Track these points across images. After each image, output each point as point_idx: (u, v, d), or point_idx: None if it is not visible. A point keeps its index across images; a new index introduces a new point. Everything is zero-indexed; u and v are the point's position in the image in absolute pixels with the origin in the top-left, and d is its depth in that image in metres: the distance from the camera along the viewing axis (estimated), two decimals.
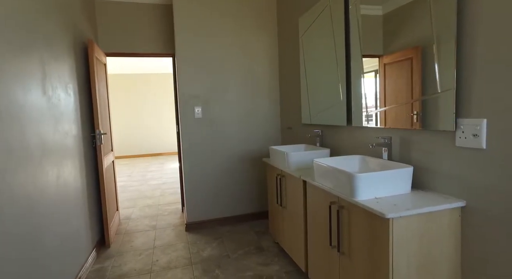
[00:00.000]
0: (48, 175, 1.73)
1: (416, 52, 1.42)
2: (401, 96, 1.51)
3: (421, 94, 1.39)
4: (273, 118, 3.26)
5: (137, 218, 3.48)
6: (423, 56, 1.36)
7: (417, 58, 1.41)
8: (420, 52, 1.38)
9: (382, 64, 1.66)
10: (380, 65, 1.67)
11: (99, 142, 2.62)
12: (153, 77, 8.68)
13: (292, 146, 2.53)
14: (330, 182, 1.55)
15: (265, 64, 3.19)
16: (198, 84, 2.99)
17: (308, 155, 2.09)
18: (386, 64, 1.67)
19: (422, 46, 1.37)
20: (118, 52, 3.29)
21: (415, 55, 1.42)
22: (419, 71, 1.39)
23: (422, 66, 1.37)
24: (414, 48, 1.42)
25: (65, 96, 2.11)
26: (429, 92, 1.35)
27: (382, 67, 1.66)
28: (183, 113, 2.96)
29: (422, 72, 1.38)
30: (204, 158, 3.05)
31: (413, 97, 1.43)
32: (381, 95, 1.68)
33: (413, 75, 1.43)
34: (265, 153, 3.25)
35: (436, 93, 1.31)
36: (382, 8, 1.61)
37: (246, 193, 3.22)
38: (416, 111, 1.43)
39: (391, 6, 1.54)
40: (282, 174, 2.25)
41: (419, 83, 1.40)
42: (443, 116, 1.28)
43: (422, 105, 1.38)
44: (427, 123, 1.37)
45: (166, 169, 6.61)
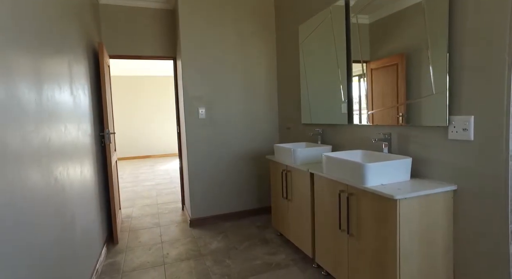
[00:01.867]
0: (75, 169, 1.83)
1: (401, 59, 1.66)
2: (392, 98, 1.75)
3: (416, 96, 1.62)
4: (271, 119, 3.46)
5: (139, 217, 3.56)
6: (412, 62, 1.61)
7: (402, 64, 1.66)
8: (404, 59, 1.62)
9: (369, 68, 1.90)
10: (367, 69, 1.91)
11: (108, 141, 2.71)
12: (144, 80, 8.67)
13: (293, 144, 2.73)
14: (339, 173, 1.76)
15: (264, 68, 3.38)
16: (202, 86, 3.13)
17: (313, 151, 2.30)
18: (373, 69, 1.92)
19: (408, 53, 1.61)
20: (120, 54, 3.39)
21: (400, 61, 1.67)
22: (404, 76, 1.63)
23: (411, 71, 1.61)
24: (399, 55, 1.66)
25: (83, 96, 2.20)
26: (423, 94, 1.58)
27: (370, 71, 1.90)
28: (187, 114, 3.10)
29: (408, 77, 1.62)
30: (207, 157, 3.19)
31: (408, 98, 1.67)
32: (375, 97, 1.92)
33: (399, 80, 1.67)
34: (265, 152, 3.43)
35: (431, 94, 1.54)
36: (376, 16, 1.84)
37: (246, 190, 3.38)
38: (401, 113, 1.68)
39: (386, 14, 1.78)
40: (287, 169, 2.44)
41: (413, 86, 1.63)
42: (437, 114, 1.52)
43: (412, 106, 1.62)
44: (422, 120, 1.61)
45: (158, 170, 6.64)
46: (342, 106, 2.29)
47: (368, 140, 2.08)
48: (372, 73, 1.97)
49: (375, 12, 1.89)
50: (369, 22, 1.96)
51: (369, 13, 1.95)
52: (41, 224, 1.27)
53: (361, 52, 2.04)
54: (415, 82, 1.64)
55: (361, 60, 2.05)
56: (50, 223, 1.38)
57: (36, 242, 1.22)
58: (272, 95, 3.45)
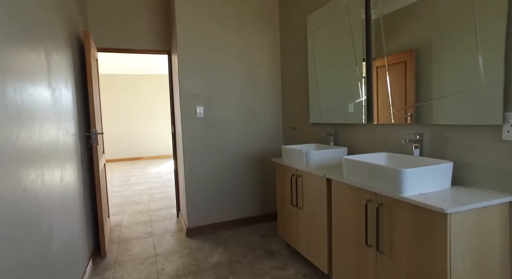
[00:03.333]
0: (54, 174, 1.54)
1: (430, 46, 1.43)
2: (423, 93, 1.51)
3: (454, 90, 1.39)
4: (275, 118, 3.20)
5: (129, 225, 3.25)
6: (448, 49, 1.37)
7: (433, 53, 1.43)
8: (436, 46, 1.39)
9: (392, 60, 1.67)
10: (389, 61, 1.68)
11: (95, 142, 2.41)
12: (137, 79, 8.31)
13: (302, 145, 2.48)
14: (365, 179, 1.51)
15: (267, 63, 3.13)
16: (200, 82, 2.86)
17: (328, 153, 2.05)
18: (397, 61, 1.70)
19: (442, 39, 1.37)
20: (110, 47, 3.08)
21: (428, 50, 1.43)
22: (438, 68, 1.40)
23: (447, 60, 1.38)
24: (426, 42, 1.43)
25: (65, 91, 1.91)
26: (466, 87, 1.35)
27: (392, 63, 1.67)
28: (184, 112, 2.82)
29: (442, 68, 1.38)
30: (205, 159, 2.92)
31: (443, 93, 1.44)
32: (400, 92, 1.68)
33: (431, 73, 1.43)
34: (268, 153, 3.18)
35: (479, 87, 1.31)
36: (403, 1, 1.61)
37: (248, 195, 3.12)
38: (437, 110, 1.45)
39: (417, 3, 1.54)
40: (298, 174, 2.19)
41: (449, 78, 1.40)
42: (487, 110, 1.29)
43: (449, 102, 1.39)
44: (465, 118, 1.37)
45: (149, 173, 6.31)
46: (358, 104, 2.05)
47: (392, 141, 1.84)
48: (396, 66, 1.74)
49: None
50: (394, 8, 1.72)
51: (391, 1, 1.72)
52: (3, 245, 0.99)
53: (385, 42, 1.80)
54: (451, 73, 1.41)
55: (384, 53, 1.81)
56: (17, 243, 1.09)
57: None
58: (275, 92, 3.20)
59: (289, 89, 3.06)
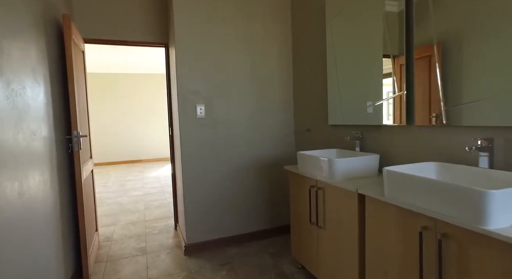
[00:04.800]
0: (6, 191, 1.16)
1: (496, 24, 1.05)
2: (492, 85, 1.13)
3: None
4: (285, 119, 2.83)
5: (121, 239, 2.87)
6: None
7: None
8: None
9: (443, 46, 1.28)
10: (439, 48, 1.29)
11: (77, 147, 2.04)
12: (131, 78, 7.96)
13: (322, 151, 2.10)
14: (418, 199, 1.13)
15: (277, 56, 2.75)
16: (200, 77, 2.49)
17: (357, 162, 1.67)
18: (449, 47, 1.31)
19: None
20: (99, 38, 2.72)
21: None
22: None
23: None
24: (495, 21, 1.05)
25: (32, 84, 1.54)
26: None
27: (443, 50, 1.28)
28: (182, 112, 2.45)
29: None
30: (206, 166, 2.54)
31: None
32: (455, 86, 1.30)
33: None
34: (277, 160, 2.80)
35: None
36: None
37: (255, 207, 2.74)
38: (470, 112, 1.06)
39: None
40: (319, 185, 1.80)
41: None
42: None
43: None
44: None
45: (147, 178, 5.94)
46: (397, 102, 1.67)
47: (442, 147, 1.46)
48: (448, 53, 1.35)
49: None
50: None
51: None
52: None
53: (435, 21, 1.42)
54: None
55: (436, 40, 1.43)
56: None
57: None
58: (286, 90, 2.82)
59: (303, 86, 2.68)
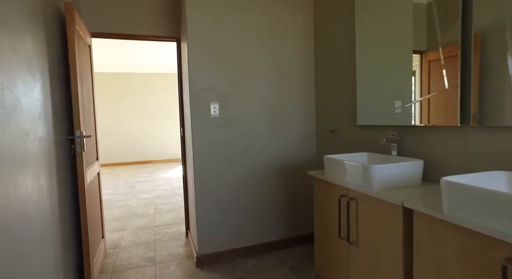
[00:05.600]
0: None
1: None
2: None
3: None
4: (306, 119, 2.59)
5: (129, 247, 2.69)
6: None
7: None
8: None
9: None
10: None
11: (80, 148, 1.86)
12: (144, 77, 7.86)
13: (351, 155, 1.85)
14: (496, 221, 0.88)
15: (296, 50, 2.52)
16: (214, 74, 2.28)
17: (398, 168, 1.42)
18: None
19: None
20: (106, 32, 2.55)
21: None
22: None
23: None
24: None
25: (25, 77, 1.36)
26: None
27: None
28: (194, 111, 2.24)
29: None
30: (220, 169, 2.33)
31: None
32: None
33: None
34: (297, 163, 2.56)
35: None
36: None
37: (273, 215, 2.51)
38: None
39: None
40: (351, 195, 1.56)
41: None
42: None
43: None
44: None
45: (158, 179, 5.79)
46: (442, 98, 1.41)
47: (507, 153, 1.20)
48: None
49: None
50: None
51: None
52: None
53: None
54: None
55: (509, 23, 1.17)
56: None
57: None
58: (307, 87, 2.58)
59: (326, 83, 2.43)
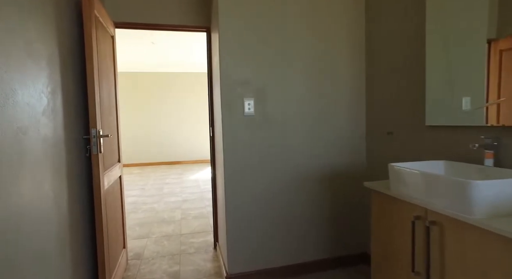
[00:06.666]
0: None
1: None
2: None
3: None
4: (354, 119, 2.20)
5: (152, 258, 2.45)
6: None
7: None
8: None
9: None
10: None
11: (96, 149, 1.62)
12: (173, 77, 7.77)
13: (422, 163, 1.45)
14: None
15: (344, 35, 2.14)
16: (249, 65, 1.97)
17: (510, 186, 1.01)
18: None
19: None
20: (131, 22, 2.33)
21: None
22: None
23: None
24: None
25: (23, 62, 1.11)
26: None
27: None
28: (226, 108, 1.94)
29: None
30: (254, 177, 2.01)
31: None
32: None
33: None
34: (343, 170, 2.18)
35: None
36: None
37: (314, 230, 2.15)
38: None
39: None
40: (430, 218, 1.17)
41: None
42: None
43: None
44: None
45: (186, 181, 5.60)
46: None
47: None
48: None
49: None
50: None
51: None
52: None
53: None
54: None
55: None
56: None
57: None
58: (356, 80, 2.19)
59: (381, 75, 2.04)
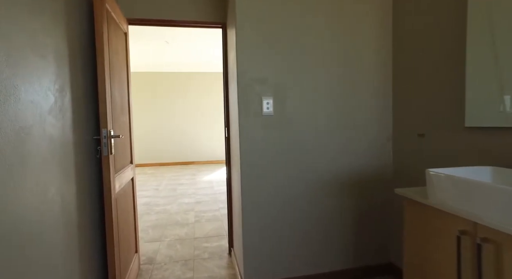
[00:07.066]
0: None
1: None
2: None
3: None
4: (378, 119, 2.04)
5: (165, 263, 2.35)
6: None
7: None
8: None
9: None
10: None
11: (107, 151, 1.53)
12: (187, 77, 7.73)
13: (464, 169, 1.29)
14: None
15: (369, 28, 1.99)
16: (268, 62, 1.84)
17: None
18: None
19: None
20: (144, 18, 2.24)
21: None
22: None
23: None
24: None
25: (26, 55, 1.02)
26: None
27: None
28: (243, 107, 1.82)
29: None
30: (274, 180, 1.88)
31: None
32: None
33: None
34: (367, 174, 2.02)
35: None
36: None
37: (338, 238, 2.00)
38: None
39: None
40: (482, 234, 1.01)
41: None
42: None
43: None
44: None
45: (199, 182, 5.52)
46: None
47: None
48: None
49: None
50: None
51: None
52: None
53: None
54: None
55: None
56: None
57: None
58: (381, 78, 2.03)
59: (409, 72, 1.87)
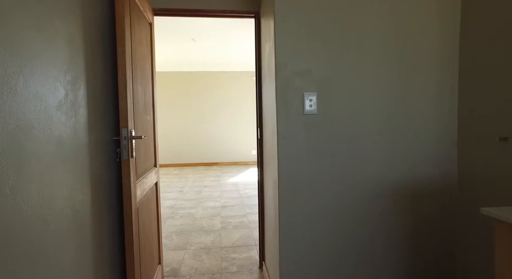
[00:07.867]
0: None
1: None
2: None
3: None
4: (440, 118, 1.71)
5: (190, 276, 2.15)
6: None
7: None
8: None
9: None
10: None
11: (127, 154, 1.33)
12: (214, 76, 7.59)
13: None
14: None
15: (431, 14, 1.67)
16: (311, 52, 1.58)
17: None
18: None
19: None
20: (171, 7, 2.05)
21: None
22: None
23: None
24: None
25: (33, 36, 0.83)
26: None
27: None
28: (282, 104, 1.57)
29: None
30: (317, 188, 1.61)
31: None
32: None
33: None
34: (428, 185, 1.70)
35: None
36: None
37: (392, 258, 1.70)
38: None
39: None
40: None
41: None
42: None
43: None
44: None
45: (224, 184, 5.33)
46: None
47: None
48: None
49: None
50: None
51: None
52: None
53: None
54: None
55: None
56: None
57: None
58: (444, 71, 1.71)
59: (484, 60, 1.53)
